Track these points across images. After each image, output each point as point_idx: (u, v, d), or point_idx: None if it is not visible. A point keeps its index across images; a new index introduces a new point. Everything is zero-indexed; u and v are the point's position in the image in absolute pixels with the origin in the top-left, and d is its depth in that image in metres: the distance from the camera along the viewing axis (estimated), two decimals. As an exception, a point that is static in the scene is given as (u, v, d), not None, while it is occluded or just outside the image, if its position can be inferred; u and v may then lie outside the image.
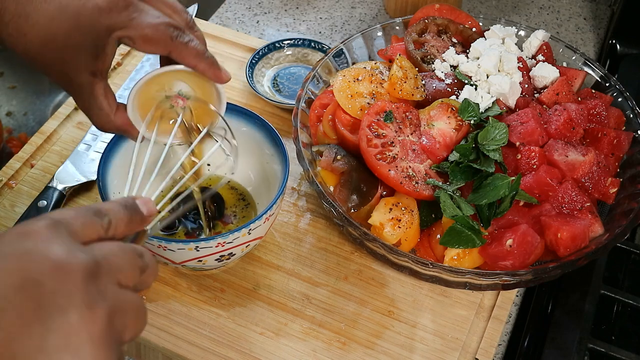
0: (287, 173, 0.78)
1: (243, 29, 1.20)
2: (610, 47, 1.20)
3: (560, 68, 0.94)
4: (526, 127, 0.83)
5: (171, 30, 0.64)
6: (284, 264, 0.85)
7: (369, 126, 0.81)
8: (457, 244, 0.77)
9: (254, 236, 0.76)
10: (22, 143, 1.10)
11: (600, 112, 0.89)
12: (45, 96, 1.27)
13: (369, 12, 1.25)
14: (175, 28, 0.65)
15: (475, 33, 0.98)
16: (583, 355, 0.80)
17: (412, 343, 0.79)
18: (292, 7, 1.25)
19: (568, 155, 0.82)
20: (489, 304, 0.83)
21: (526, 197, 0.79)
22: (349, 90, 0.87)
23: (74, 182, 0.90)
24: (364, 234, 0.76)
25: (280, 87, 1.05)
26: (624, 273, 0.91)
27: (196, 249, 0.73)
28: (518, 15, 1.26)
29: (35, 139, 0.97)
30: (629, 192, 0.84)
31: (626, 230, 0.78)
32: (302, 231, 0.88)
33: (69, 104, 1.01)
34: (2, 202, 0.90)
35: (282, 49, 1.09)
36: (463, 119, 0.84)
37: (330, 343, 0.78)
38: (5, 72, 1.24)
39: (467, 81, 0.89)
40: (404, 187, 0.79)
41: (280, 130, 0.86)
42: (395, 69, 0.87)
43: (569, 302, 0.85)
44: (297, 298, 0.82)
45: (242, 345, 0.78)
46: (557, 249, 0.78)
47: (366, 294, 0.83)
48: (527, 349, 0.84)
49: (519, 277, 0.75)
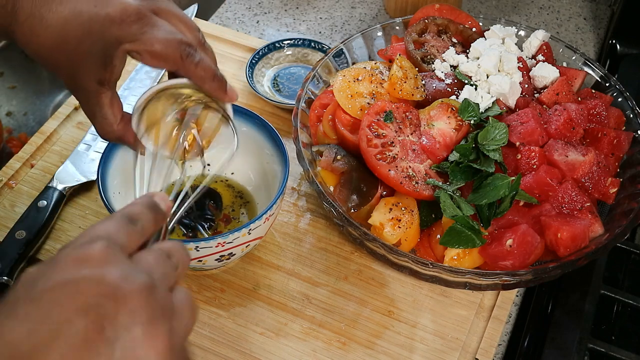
0: (287, 173, 0.78)
1: (243, 29, 1.20)
2: (610, 47, 1.20)
3: (560, 68, 0.94)
4: (526, 127, 0.83)
5: (182, 48, 0.64)
6: (284, 264, 0.85)
7: (369, 126, 0.81)
8: (457, 244, 0.77)
9: (254, 236, 0.76)
10: (22, 143, 1.10)
11: (600, 112, 0.89)
12: (45, 96, 1.27)
13: (369, 12, 1.25)
14: (187, 46, 0.64)
15: (475, 33, 0.98)
16: (583, 355, 0.80)
17: (412, 343, 0.79)
18: (292, 7, 1.25)
19: (568, 155, 0.82)
20: (489, 304, 0.83)
21: (526, 197, 0.79)
22: (349, 90, 0.87)
23: (74, 182, 0.90)
24: (364, 234, 0.76)
25: (280, 87, 1.05)
26: (624, 273, 0.91)
27: (196, 249, 0.73)
28: (518, 15, 1.26)
29: (35, 139, 0.97)
30: (629, 192, 0.84)
31: (626, 230, 0.78)
32: (302, 231, 0.88)
33: (69, 104, 1.01)
34: (2, 202, 0.90)
35: (282, 49, 1.09)
36: (463, 119, 0.84)
37: (330, 343, 0.78)
38: (5, 72, 1.24)
39: (467, 81, 0.89)
40: (404, 187, 0.79)
41: (280, 130, 0.86)
42: (395, 69, 0.87)
43: (569, 302, 0.85)
44: (297, 298, 0.82)
45: (242, 345, 0.78)
46: (557, 249, 0.78)
47: (366, 294, 0.83)
48: (527, 349, 0.84)
49: (519, 277, 0.75)
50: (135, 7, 0.62)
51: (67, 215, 0.89)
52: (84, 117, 0.99)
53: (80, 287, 0.41)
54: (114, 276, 0.42)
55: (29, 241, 0.82)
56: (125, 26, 0.62)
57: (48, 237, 0.86)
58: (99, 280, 0.42)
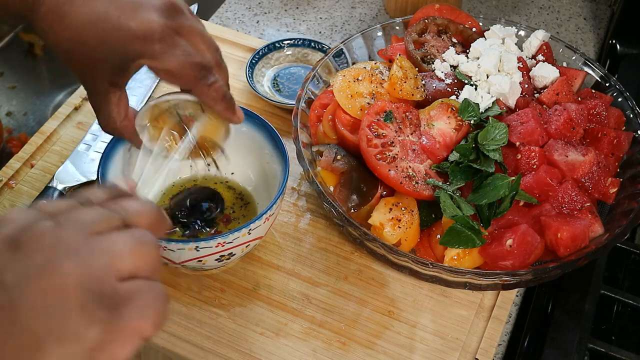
0: (287, 173, 0.78)
1: (243, 29, 1.20)
2: (610, 47, 1.20)
3: (560, 68, 0.94)
4: (526, 127, 0.83)
5: (197, 71, 0.64)
6: (284, 264, 0.85)
7: (369, 126, 0.81)
8: (457, 244, 0.77)
9: (254, 236, 0.76)
10: (22, 143, 1.10)
11: (600, 112, 0.89)
12: (45, 96, 1.27)
13: (369, 12, 1.25)
14: (202, 69, 0.65)
15: (475, 33, 0.98)
16: (583, 355, 0.80)
17: (412, 343, 0.79)
18: (292, 7, 1.25)
19: (568, 155, 0.82)
20: (489, 304, 0.83)
21: (526, 197, 0.79)
22: (349, 90, 0.87)
23: (74, 182, 0.90)
24: (364, 234, 0.76)
25: (280, 87, 1.05)
26: (624, 273, 0.91)
27: (196, 249, 0.73)
28: (518, 15, 1.26)
29: (35, 139, 0.97)
30: (629, 192, 0.84)
31: (626, 230, 0.78)
32: (302, 231, 0.88)
33: (69, 104, 1.01)
34: (2, 202, 0.90)
35: (282, 49, 1.09)
36: (463, 119, 0.84)
37: (330, 343, 0.78)
38: (5, 72, 1.24)
39: (467, 81, 0.89)
40: (404, 187, 0.79)
41: (280, 130, 0.86)
42: (395, 69, 0.87)
43: (569, 302, 0.85)
44: (297, 298, 0.82)
45: (242, 345, 0.78)
46: (557, 249, 0.78)
47: (366, 294, 0.83)
48: (527, 349, 0.84)
49: (519, 277, 0.75)
50: (159, 27, 0.62)
51: (67, 215, 0.89)
52: (84, 117, 1.00)
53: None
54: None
55: (29, 241, 0.82)
56: (148, 44, 0.62)
57: (48, 237, 0.86)
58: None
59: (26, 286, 0.38)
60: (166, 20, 0.64)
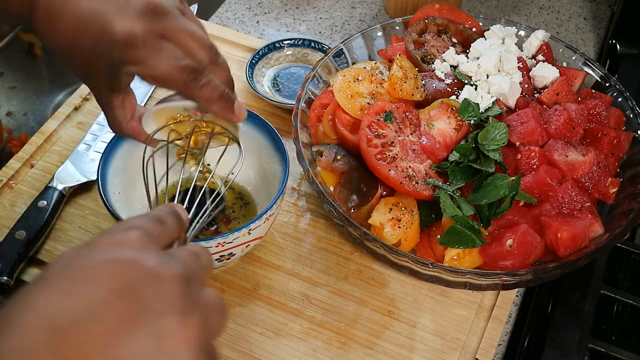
0: (287, 173, 0.78)
1: (243, 29, 1.20)
2: (610, 47, 1.20)
3: (560, 68, 0.94)
4: (526, 127, 0.83)
5: (185, 75, 0.63)
6: (284, 264, 0.85)
7: (369, 126, 0.81)
8: (457, 244, 0.77)
9: (254, 236, 0.76)
10: (22, 143, 1.10)
11: (600, 112, 0.89)
12: (45, 96, 1.27)
13: (369, 12, 1.25)
14: (191, 71, 0.63)
15: (475, 33, 0.98)
16: (583, 355, 0.80)
17: (412, 343, 0.79)
18: (292, 7, 1.25)
19: (568, 155, 0.82)
20: (489, 304, 0.83)
21: (526, 197, 0.79)
22: (349, 90, 0.87)
23: (74, 182, 0.90)
24: (364, 234, 0.76)
25: (280, 87, 1.05)
26: (624, 273, 0.91)
27: (196, 249, 0.73)
28: (518, 15, 1.26)
29: (35, 139, 0.97)
30: (629, 192, 0.84)
31: (626, 230, 0.78)
32: (302, 231, 0.88)
33: (69, 104, 1.01)
34: (2, 202, 0.90)
35: (282, 49, 1.09)
36: (463, 119, 0.84)
37: (330, 343, 0.78)
38: (5, 72, 1.24)
39: (467, 81, 0.89)
40: (404, 187, 0.79)
41: (280, 130, 0.86)
42: (395, 69, 0.87)
43: (569, 302, 0.85)
44: (297, 298, 0.82)
45: (242, 345, 0.78)
46: (557, 249, 0.78)
47: (366, 294, 0.83)
48: (527, 349, 0.83)
49: (519, 277, 0.75)
50: (140, 32, 0.60)
51: (67, 215, 0.89)
52: (84, 117, 1.00)
53: (118, 268, 0.41)
54: (152, 261, 0.42)
55: (29, 241, 0.82)
56: (130, 51, 0.60)
57: (48, 237, 0.86)
58: (137, 263, 0.41)
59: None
60: (148, 24, 0.61)
